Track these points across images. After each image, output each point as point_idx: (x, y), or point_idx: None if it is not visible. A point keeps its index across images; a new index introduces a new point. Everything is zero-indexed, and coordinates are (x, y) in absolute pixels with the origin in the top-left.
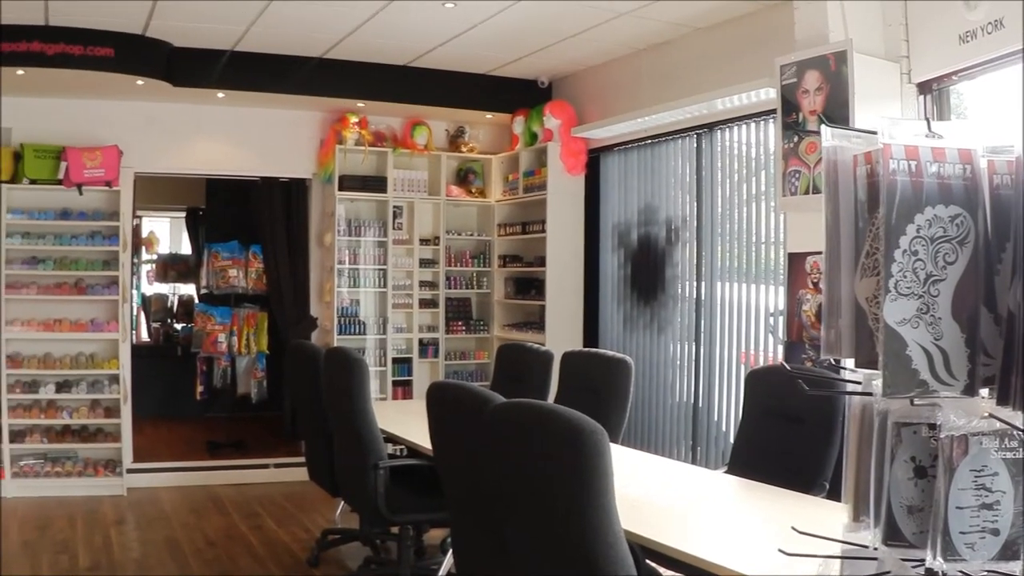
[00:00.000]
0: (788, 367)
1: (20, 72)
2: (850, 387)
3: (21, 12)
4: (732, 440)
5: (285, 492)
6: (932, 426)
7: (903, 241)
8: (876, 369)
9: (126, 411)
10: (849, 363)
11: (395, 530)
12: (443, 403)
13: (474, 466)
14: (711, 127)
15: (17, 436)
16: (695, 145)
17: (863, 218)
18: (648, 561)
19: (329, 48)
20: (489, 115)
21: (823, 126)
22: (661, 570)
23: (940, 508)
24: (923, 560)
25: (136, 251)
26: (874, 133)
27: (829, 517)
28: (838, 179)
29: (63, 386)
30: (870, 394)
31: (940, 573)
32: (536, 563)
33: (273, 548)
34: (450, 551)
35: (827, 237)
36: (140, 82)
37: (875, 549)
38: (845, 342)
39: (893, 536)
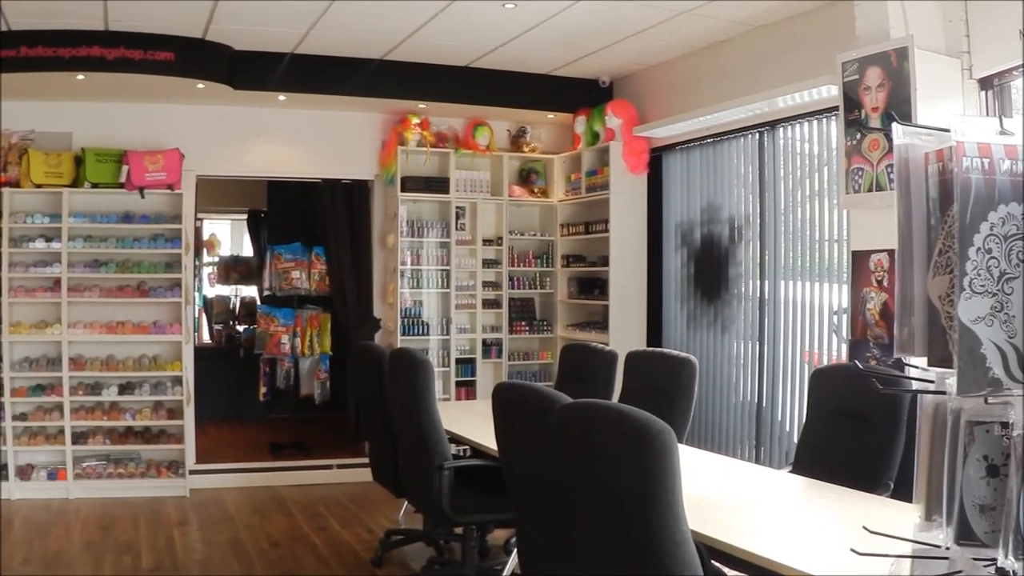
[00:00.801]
0: (860, 365)
1: (80, 77)
2: (923, 385)
3: (80, 17)
4: (796, 440)
5: (348, 493)
6: (1005, 424)
7: (977, 239)
8: (949, 367)
9: (189, 413)
10: (919, 361)
11: (459, 531)
12: (509, 403)
13: (540, 466)
14: (773, 125)
15: (80, 438)
16: (757, 143)
17: (935, 216)
18: (713, 561)
19: (390, 50)
20: (551, 115)
21: (894, 124)
22: (726, 570)
23: (1012, 507)
24: (995, 559)
25: (198, 253)
26: (946, 131)
27: (895, 517)
28: (909, 177)
29: (126, 388)
30: (943, 392)
31: (1012, 572)
32: (602, 563)
33: (337, 549)
34: (514, 552)
35: (899, 235)
36: (201, 85)
37: (947, 549)
38: (918, 340)
39: (965, 535)
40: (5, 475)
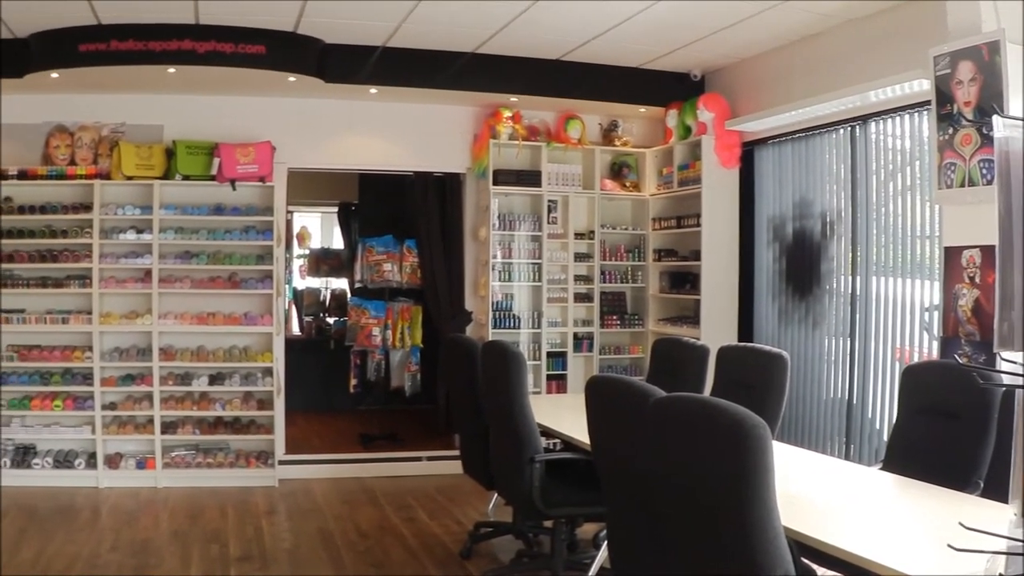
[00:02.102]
0: (960, 361)
1: (171, 70)
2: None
3: (171, 11)
4: (886, 437)
5: (438, 485)
6: None
7: None
8: None
9: (279, 403)
10: (1015, 357)
11: (548, 524)
12: (603, 397)
13: (633, 460)
14: (864, 119)
15: (169, 427)
16: (849, 138)
17: None
18: (803, 559)
19: (481, 43)
20: (642, 108)
21: (994, 117)
22: (816, 568)
23: None
24: None
25: (288, 246)
26: None
27: (986, 515)
28: (1010, 170)
29: (216, 378)
30: None
31: None
32: (694, 558)
33: (426, 540)
34: (603, 545)
35: (1000, 229)
36: (292, 79)
37: None
38: (1017, 335)
39: None
40: (94, 463)
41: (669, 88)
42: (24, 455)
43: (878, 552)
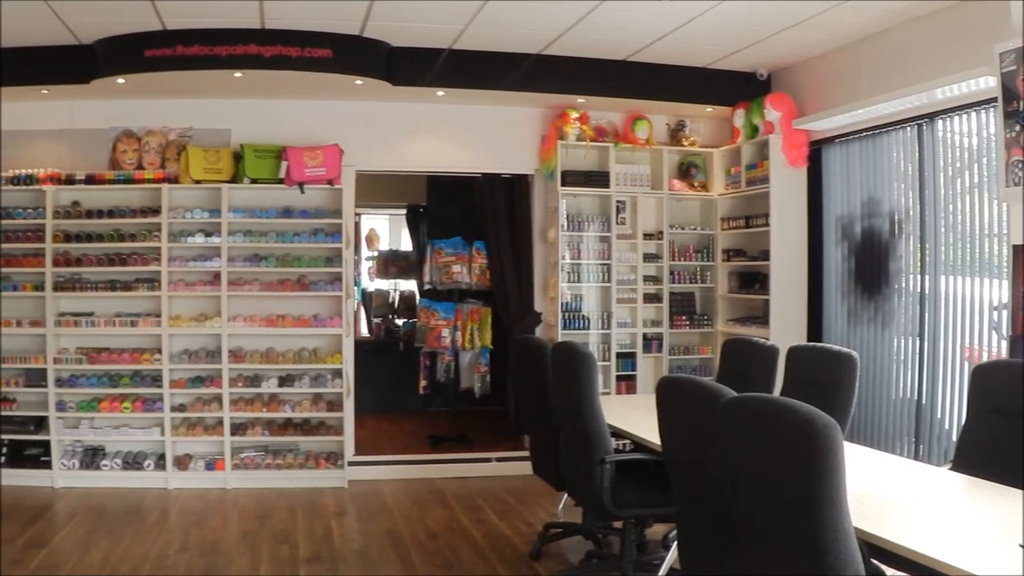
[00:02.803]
0: None
1: (238, 75)
2: None
3: (237, 15)
4: (955, 438)
5: (507, 486)
6: None
7: None
8: None
9: (349, 405)
10: None
11: (618, 525)
12: (674, 397)
13: (704, 460)
14: (931, 117)
15: (239, 429)
16: (916, 135)
17: None
18: (872, 559)
19: (547, 44)
20: (709, 108)
21: None
22: (886, 569)
23: None
24: None
25: (357, 248)
26: None
27: None
28: None
29: (285, 380)
30: None
31: None
32: (765, 559)
33: (495, 541)
34: (673, 546)
35: None
36: (359, 82)
37: None
38: None
39: None
40: (163, 464)
41: (736, 88)
42: (93, 456)
43: (948, 552)
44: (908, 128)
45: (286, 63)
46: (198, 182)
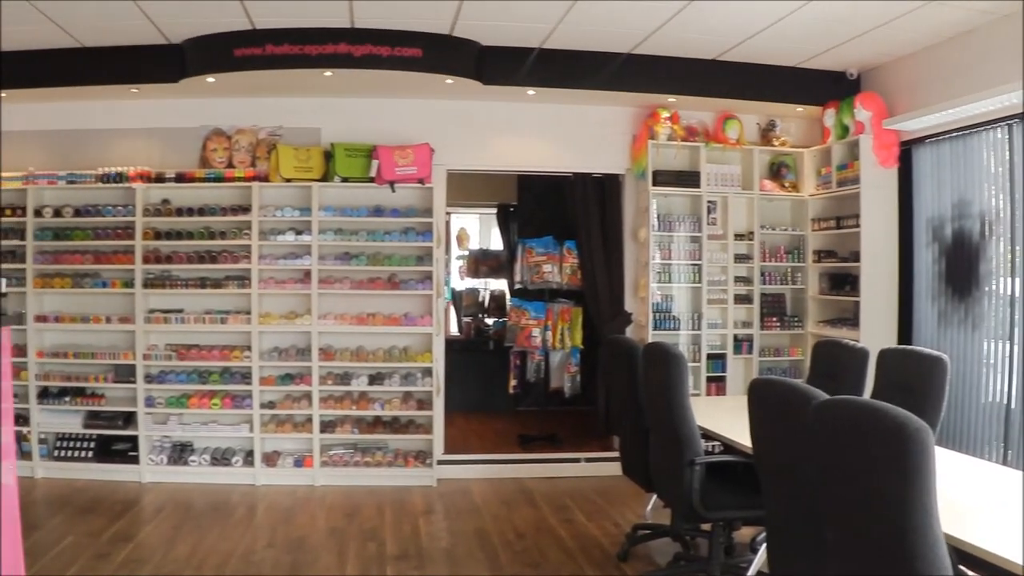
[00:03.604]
0: None
1: (328, 73)
2: None
3: (326, 15)
4: None
5: (596, 486)
6: None
7: None
8: None
9: (438, 404)
10: None
11: (706, 527)
12: (766, 399)
13: (795, 463)
14: (1022, 117)
15: (328, 426)
16: (1007, 135)
17: None
18: (960, 565)
19: (638, 43)
20: (799, 108)
21: None
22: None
23: None
24: None
25: (446, 247)
26: None
27: None
28: None
29: (375, 378)
30: None
31: None
32: (853, 562)
33: (583, 542)
34: (761, 549)
35: None
36: (449, 81)
37: None
38: None
39: None
40: (251, 461)
41: (826, 87)
42: (181, 452)
43: None
44: (999, 128)
45: (376, 62)
46: (288, 180)
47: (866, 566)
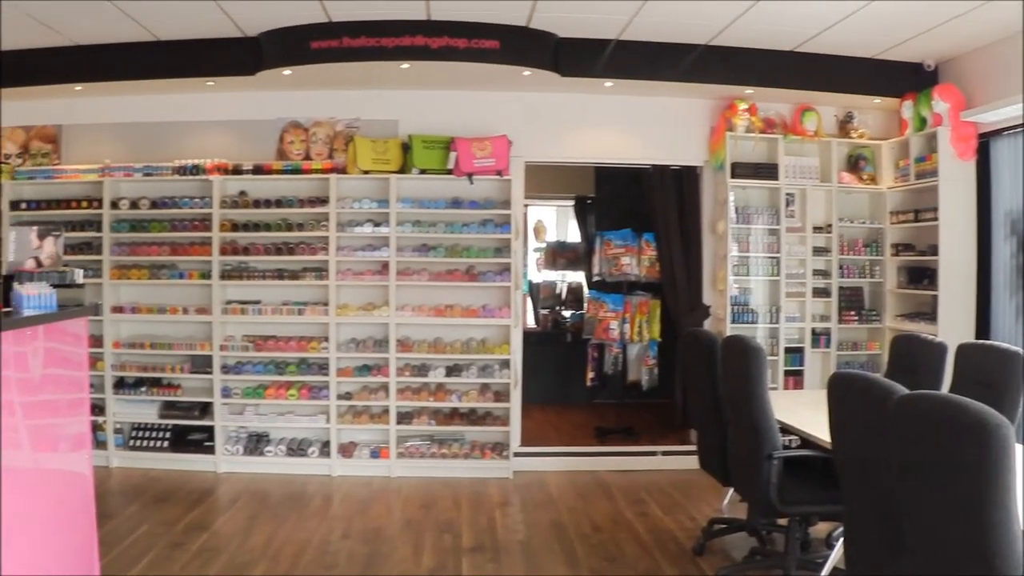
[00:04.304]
0: None
1: (405, 66)
2: None
3: (403, 7)
4: None
5: (672, 480)
6: None
7: None
8: None
9: (516, 396)
10: None
11: (783, 522)
12: (846, 393)
13: (874, 458)
14: None
15: (404, 417)
16: None
17: None
18: None
19: (715, 35)
20: (877, 99)
21: None
22: None
23: None
24: None
25: (524, 239)
26: None
27: None
28: None
29: (453, 370)
30: None
31: None
32: (931, 559)
33: (659, 535)
34: (837, 545)
35: None
36: (527, 72)
37: None
38: None
39: None
40: (327, 451)
41: (903, 78)
42: (257, 442)
43: None
44: None
45: (453, 54)
46: (366, 172)
47: (944, 563)
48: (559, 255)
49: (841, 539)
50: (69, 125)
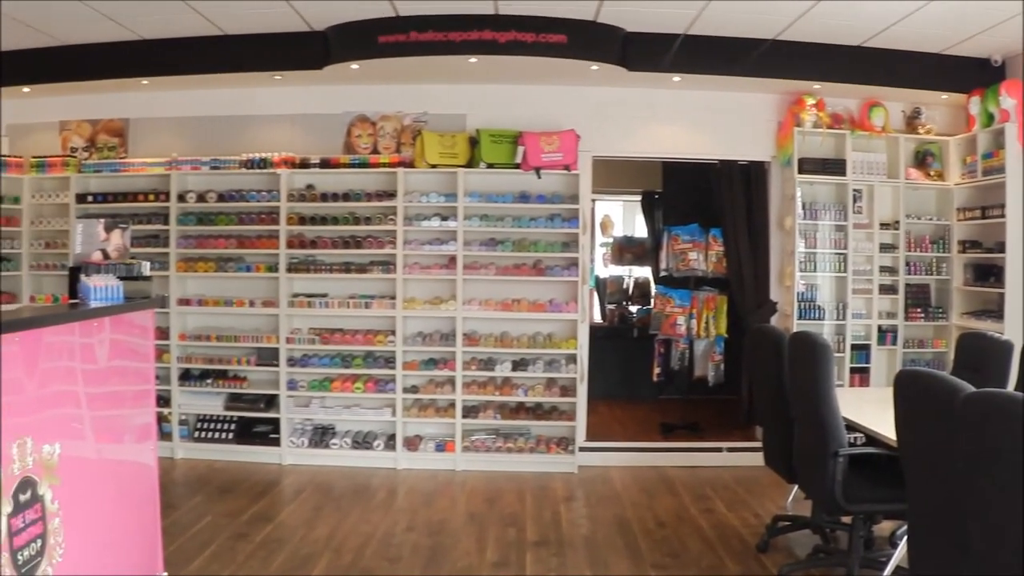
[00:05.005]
0: None
1: (472, 60)
2: None
3: (470, 2)
4: None
5: (737, 476)
6: None
7: None
8: None
9: (582, 390)
10: None
11: (847, 520)
12: (912, 391)
13: (940, 458)
14: None
15: (470, 411)
16: None
17: None
18: None
19: (782, 29)
20: (944, 95)
21: None
22: None
23: None
24: None
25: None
26: None
27: None
28: None
29: (519, 364)
30: None
31: None
32: (997, 560)
33: (722, 532)
34: (901, 543)
35: None
36: (595, 67)
37: None
38: None
39: None
40: (393, 444)
41: (970, 74)
42: (322, 435)
43: None
44: None
45: (521, 48)
46: (434, 166)
47: (1009, 564)
48: (625, 250)
49: (905, 538)
50: (136, 119)
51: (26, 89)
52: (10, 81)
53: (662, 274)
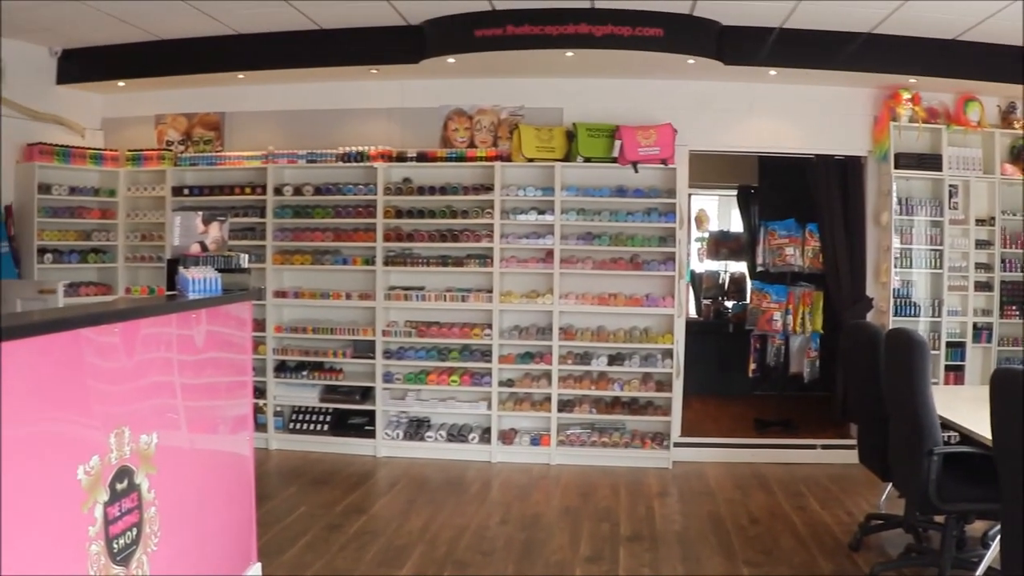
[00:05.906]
0: None
1: (569, 54)
2: None
3: None
4: None
5: (831, 474)
6: None
7: None
8: None
9: (678, 385)
10: None
11: (940, 519)
12: (1009, 390)
13: None
14: None
15: (566, 406)
16: None
17: None
18: None
19: (878, 23)
20: None
21: None
22: None
23: None
24: None
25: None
26: None
27: None
28: None
29: (615, 359)
30: None
31: None
32: None
33: (815, 529)
34: (993, 544)
35: None
36: (691, 61)
37: None
38: None
39: None
40: (488, 438)
41: None
42: (417, 428)
43: None
44: None
45: (617, 42)
46: (531, 160)
47: None
48: (722, 245)
49: (997, 538)
50: (232, 112)
51: (122, 83)
52: (106, 75)
53: (758, 269)
